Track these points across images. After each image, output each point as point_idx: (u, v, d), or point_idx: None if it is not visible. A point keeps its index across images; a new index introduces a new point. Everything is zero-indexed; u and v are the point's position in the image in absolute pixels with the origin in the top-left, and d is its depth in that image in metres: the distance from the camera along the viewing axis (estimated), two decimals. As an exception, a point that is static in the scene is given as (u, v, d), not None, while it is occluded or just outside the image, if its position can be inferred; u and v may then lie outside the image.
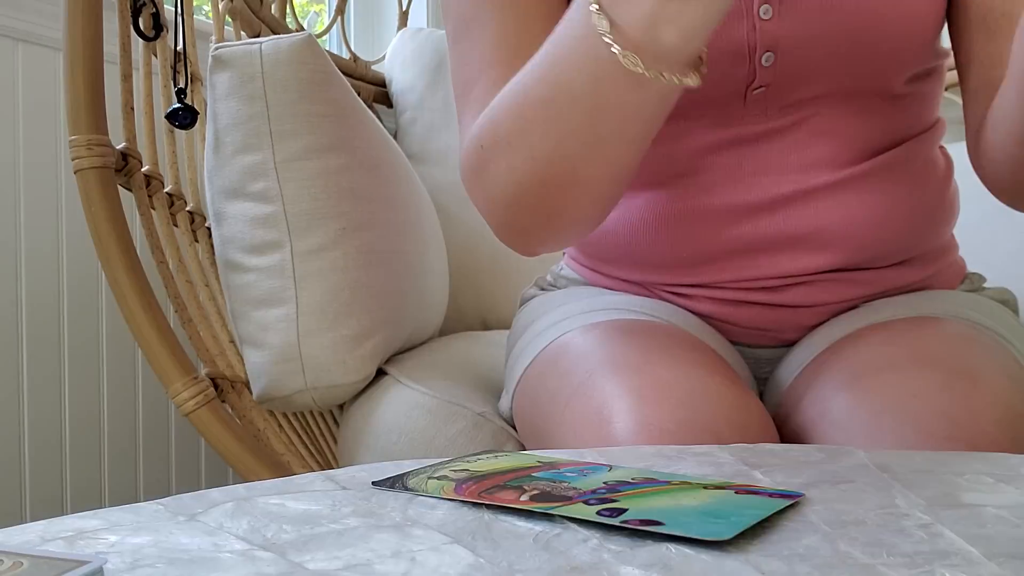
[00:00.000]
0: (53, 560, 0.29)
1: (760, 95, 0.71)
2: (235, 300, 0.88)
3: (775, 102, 0.71)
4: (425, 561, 0.33)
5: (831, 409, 0.64)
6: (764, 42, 0.68)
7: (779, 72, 0.70)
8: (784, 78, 0.70)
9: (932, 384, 0.61)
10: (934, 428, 0.58)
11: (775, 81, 0.70)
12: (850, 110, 0.72)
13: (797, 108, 0.71)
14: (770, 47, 0.69)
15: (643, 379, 0.64)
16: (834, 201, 0.72)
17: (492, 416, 0.82)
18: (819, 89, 0.71)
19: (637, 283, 0.81)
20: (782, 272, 0.73)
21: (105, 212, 0.95)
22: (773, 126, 0.72)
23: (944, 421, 0.58)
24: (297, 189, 0.85)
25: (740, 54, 0.69)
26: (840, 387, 0.65)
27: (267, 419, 1.01)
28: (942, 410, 0.59)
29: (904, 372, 0.62)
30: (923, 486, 0.42)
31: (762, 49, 0.69)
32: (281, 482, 0.44)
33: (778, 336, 0.78)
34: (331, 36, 1.81)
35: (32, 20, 1.22)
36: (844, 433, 0.61)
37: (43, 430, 1.24)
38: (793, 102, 0.71)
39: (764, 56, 0.69)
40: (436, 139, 1.47)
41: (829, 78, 0.71)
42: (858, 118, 0.73)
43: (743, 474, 0.45)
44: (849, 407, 0.62)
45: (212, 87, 0.87)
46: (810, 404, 0.67)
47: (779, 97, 0.71)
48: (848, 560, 0.33)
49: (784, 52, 0.69)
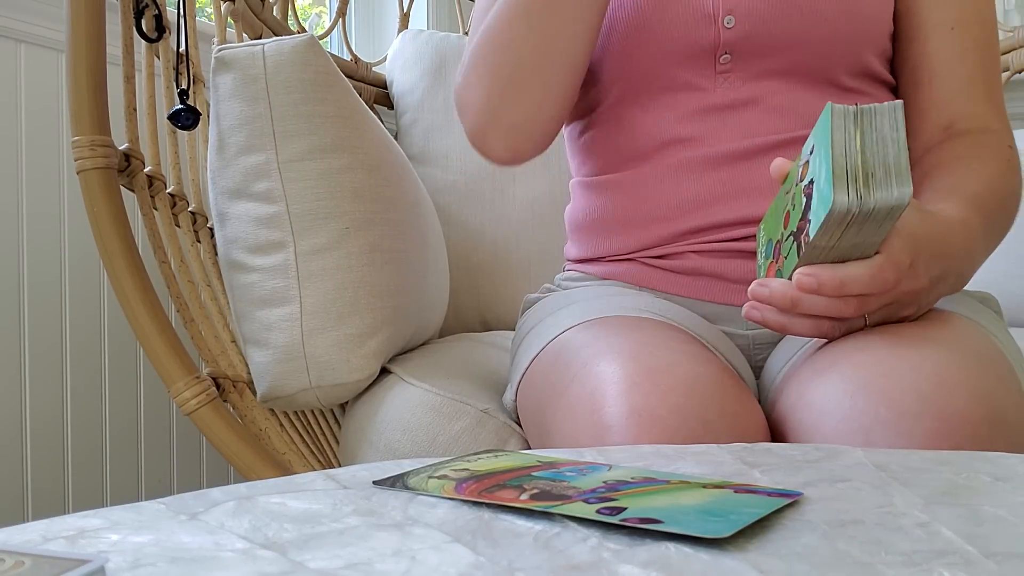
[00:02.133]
0: (55, 559, 0.29)
1: (728, 64, 0.83)
2: (239, 300, 0.88)
3: (740, 73, 0.83)
4: (425, 560, 0.33)
5: (808, 392, 0.64)
6: (726, 5, 0.82)
7: (739, 38, 0.82)
8: (745, 47, 0.82)
9: (904, 363, 0.61)
10: (907, 404, 0.58)
11: (737, 50, 0.82)
12: (807, 92, 0.83)
13: (759, 81, 0.83)
14: (730, 11, 0.82)
15: (636, 366, 0.65)
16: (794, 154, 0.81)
17: (495, 413, 0.83)
18: (777, 64, 0.83)
19: (632, 256, 0.87)
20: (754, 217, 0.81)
21: (107, 212, 0.95)
22: (739, 97, 0.83)
23: (916, 397, 0.59)
24: (300, 189, 0.86)
25: (707, 16, 0.82)
26: (816, 372, 0.66)
27: (268, 418, 1.01)
28: (914, 387, 0.59)
29: (877, 353, 0.63)
30: (921, 485, 0.42)
31: (724, 12, 0.82)
32: (282, 481, 0.44)
33: None
34: (332, 38, 1.81)
35: (34, 21, 1.22)
36: (819, 415, 0.62)
37: (45, 429, 1.25)
38: (756, 74, 0.83)
39: (726, 18, 0.82)
40: (436, 140, 1.47)
41: (783, 54, 0.82)
42: (812, 101, 0.83)
43: (742, 473, 0.45)
44: (824, 390, 0.63)
45: (215, 88, 0.87)
46: (789, 392, 0.68)
47: (743, 68, 0.83)
48: (846, 559, 0.33)
49: (742, 17, 0.81)
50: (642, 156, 0.86)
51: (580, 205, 0.92)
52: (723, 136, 0.83)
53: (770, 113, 0.83)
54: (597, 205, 0.89)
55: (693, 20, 0.82)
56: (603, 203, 0.89)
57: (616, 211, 0.87)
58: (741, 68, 0.83)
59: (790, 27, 0.81)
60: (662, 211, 0.84)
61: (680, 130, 0.84)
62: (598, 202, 0.89)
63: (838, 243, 0.63)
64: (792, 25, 0.81)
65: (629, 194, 0.86)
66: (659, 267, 0.85)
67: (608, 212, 0.88)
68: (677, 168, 0.83)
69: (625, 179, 0.87)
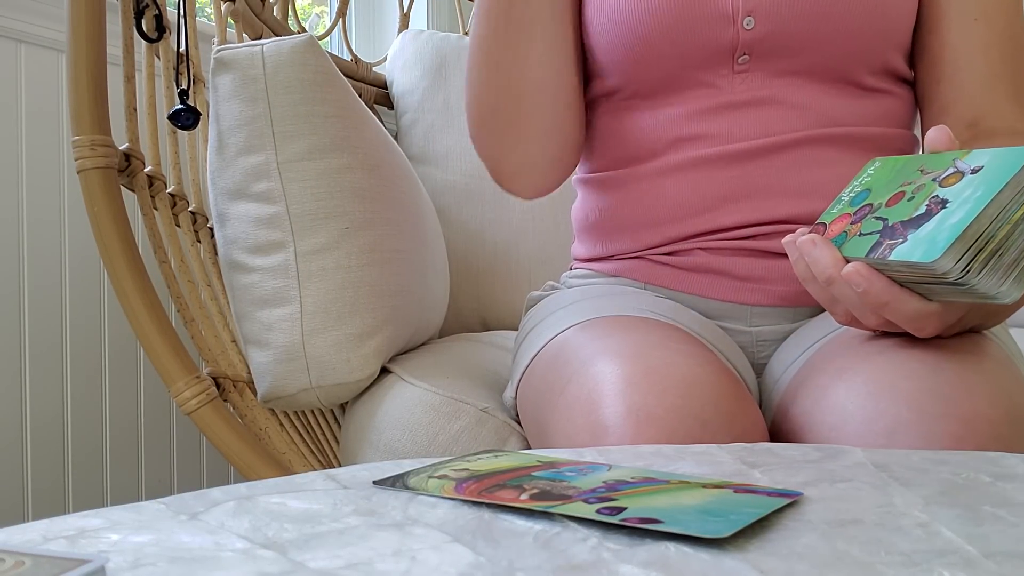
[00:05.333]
0: (55, 559, 0.29)
1: (746, 64, 0.81)
2: (239, 300, 0.88)
3: (758, 72, 0.81)
4: (426, 560, 0.33)
5: (826, 396, 0.64)
6: (745, 7, 0.79)
7: (759, 39, 0.80)
8: (764, 47, 0.80)
9: (924, 366, 0.61)
10: (928, 406, 0.58)
11: (756, 51, 0.80)
12: (826, 91, 0.81)
13: (778, 78, 0.81)
14: (750, 12, 0.79)
15: (635, 366, 0.65)
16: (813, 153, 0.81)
17: (495, 412, 0.83)
18: (796, 64, 0.81)
19: (641, 253, 0.86)
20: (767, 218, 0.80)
21: (108, 212, 0.95)
22: (758, 95, 0.81)
23: (938, 399, 0.59)
24: (300, 189, 0.86)
25: (726, 17, 0.80)
26: (834, 375, 0.65)
27: (269, 418, 1.01)
28: (936, 389, 0.59)
29: (896, 356, 0.63)
30: (921, 485, 0.42)
31: (744, 13, 0.79)
32: (282, 481, 0.44)
33: (771, 290, 0.81)
34: (332, 38, 1.81)
35: (34, 22, 1.22)
36: (840, 418, 0.62)
37: (45, 429, 1.25)
38: (774, 73, 0.81)
39: (745, 20, 0.79)
40: (436, 140, 1.47)
41: (803, 54, 0.80)
42: (833, 99, 0.82)
43: (742, 473, 0.45)
44: (843, 393, 0.63)
45: (215, 89, 0.87)
46: (806, 395, 0.68)
47: (762, 67, 0.81)
48: (846, 559, 0.33)
49: (762, 18, 0.79)
50: (652, 153, 0.85)
51: (589, 205, 0.91)
52: (739, 133, 0.81)
53: (789, 111, 0.81)
54: (606, 205, 0.88)
55: (711, 22, 0.80)
56: (612, 203, 0.87)
57: (626, 211, 0.86)
58: (760, 68, 0.81)
59: (812, 27, 0.79)
60: (672, 210, 0.83)
61: (693, 128, 0.82)
62: (607, 202, 0.88)
63: (908, 277, 0.59)
64: (814, 25, 0.79)
65: (639, 193, 0.85)
66: (667, 263, 0.85)
67: (618, 212, 0.87)
68: (690, 165, 0.82)
69: (634, 176, 0.86)
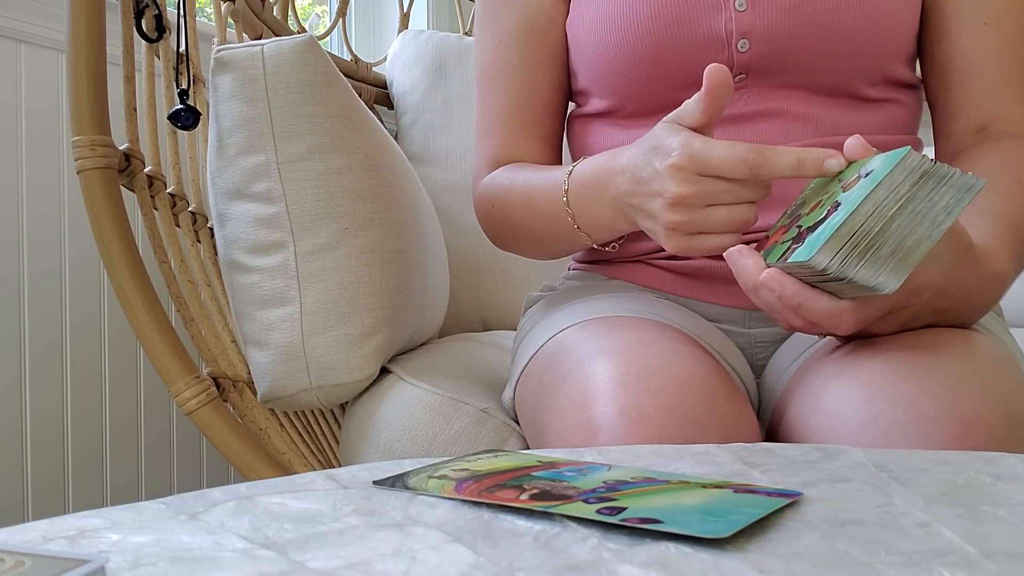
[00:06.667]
0: (55, 559, 0.29)
1: (743, 82, 0.80)
2: (239, 300, 0.88)
3: (755, 89, 0.81)
4: (426, 560, 0.33)
5: (821, 398, 0.64)
6: (739, 30, 0.78)
7: (754, 59, 0.79)
8: (760, 66, 0.79)
9: (921, 368, 0.61)
10: (925, 409, 0.58)
11: (752, 70, 0.80)
12: (827, 103, 0.81)
13: (776, 91, 0.81)
14: (744, 35, 0.78)
15: (628, 366, 0.65)
16: None
17: (495, 412, 0.83)
18: (793, 81, 0.80)
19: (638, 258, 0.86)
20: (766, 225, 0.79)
21: (108, 212, 0.95)
22: (759, 108, 0.81)
23: (936, 401, 0.58)
24: (300, 189, 0.86)
25: (719, 40, 0.79)
26: (830, 377, 0.65)
27: (268, 418, 1.01)
28: (932, 390, 0.59)
29: (893, 358, 0.63)
30: (921, 485, 0.42)
31: (738, 36, 0.78)
32: (282, 481, 0.44)
33: None
34: (332, 38, 1.81)
35: (34, 22, 1.22)
36: (835, 420, 0.62)
37: (45, 429, 1.25)
38: (772, 87, 0.80)
39: (740, 43, 0.79)
40: (436, 140, 1.47)
41: (801, 72, 0.79)
42: (835, 111, 0.81)
43: (741, 473, 0.45)
44: (839, 395, 0.63)
45: (214, 89, 0.87)
46: (802, 396, 0.68)
47: (758, 84, 0.80)
48: (846, 559, 0.33)
49: (757, 40, 0.78)
50: None
51: None
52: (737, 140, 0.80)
53: (791, 122, 0.80)
54: None
55: (705, 46, 0.79)
56: None
57: None
58: (756, 84, 0.80)
59: (808, 48, 0.78)
60: None
61: None
62: None
63: (811, 279, 0.61)
64: (810, 46, 0.78)
65: None
66: (665, 268, 0.85)
67: None
68: None
69: None
